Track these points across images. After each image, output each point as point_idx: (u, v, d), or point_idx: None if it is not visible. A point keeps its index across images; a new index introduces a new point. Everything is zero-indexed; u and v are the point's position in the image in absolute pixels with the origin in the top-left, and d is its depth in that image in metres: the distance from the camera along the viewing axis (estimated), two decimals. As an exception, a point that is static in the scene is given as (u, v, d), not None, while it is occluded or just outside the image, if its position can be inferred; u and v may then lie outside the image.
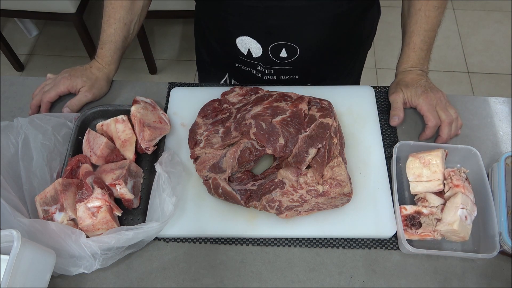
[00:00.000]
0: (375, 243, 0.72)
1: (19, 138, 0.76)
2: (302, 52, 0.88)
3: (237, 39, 0.88)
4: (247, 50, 0.90)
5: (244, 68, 0.98)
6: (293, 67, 0.93)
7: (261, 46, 0.88)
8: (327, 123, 0.73)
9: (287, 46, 0.87)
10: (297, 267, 0.70)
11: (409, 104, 0.83)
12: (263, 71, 0.96)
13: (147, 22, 2.27)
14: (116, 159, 0.77)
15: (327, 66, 0.98)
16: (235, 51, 0.92)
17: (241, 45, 0.90)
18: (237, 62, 0.98)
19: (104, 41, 0.88)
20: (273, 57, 0.90)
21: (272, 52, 0.88)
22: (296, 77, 0.97)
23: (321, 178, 0.69)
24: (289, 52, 0.88)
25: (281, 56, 0.89)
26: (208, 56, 1.07)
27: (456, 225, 0.67)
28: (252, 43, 0.88)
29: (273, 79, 0.98)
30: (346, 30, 0.90)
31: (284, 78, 0.97)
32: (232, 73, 1.03)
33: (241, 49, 0.91)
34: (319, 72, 0.98)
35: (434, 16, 0.83)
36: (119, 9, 0.86)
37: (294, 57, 0.89)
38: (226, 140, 0.74)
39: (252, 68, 0.97)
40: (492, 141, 0.83)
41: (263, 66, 0.94)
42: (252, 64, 0.95)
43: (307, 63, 0.92)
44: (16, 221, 0.64)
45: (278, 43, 0.86)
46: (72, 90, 0.87)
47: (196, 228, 0.72)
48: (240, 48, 0.90)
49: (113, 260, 0.68)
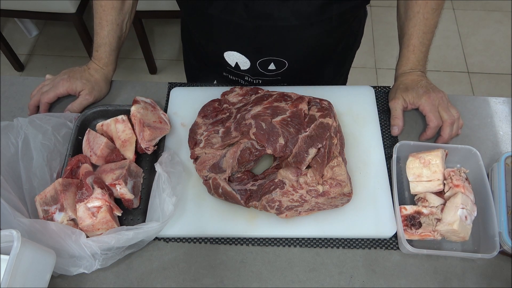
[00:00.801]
0: (375, 243, 0.72)
1: (19, 138, 0.76)
2: (290, 64, 0.88)
3: (225, 53, 0.88)
4: (234, 63, 0.90)
5: (232, 77, 0.98)
6: (281, 77, 0.93)
7: (249, 61, 0.87)
8: (327, 123, 0.73)
9: (276, 61, 0.87)
10: (297, 267, 0.70)
11: (411, 106, 0.83)
12: (251, 81, 0.96)
13: (147, 22, 2.27)
14: (116, 159, 0.77)
15: (316, 73, 0.98)
16: (223, 63, 0.91)
17: (229, 59, 0.89)
18: (224, 72, 0.97)
19: (99, 44, 0.88)
20: (261, 69, 0.89)
21: (261, 66, 0.88)
22: (284, 85, 0.97)
23: (321, 178, 0.69)
24: (278, 65, 0.88)
25: (270, 68, 0.89)
26: (196, 61, 1.06)
27: (456, 225, 0.67)
28: (240, 57, 0.87)
29: None
30: (335, 40, 0.90)
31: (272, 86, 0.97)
32: (220, 80, 1.03)
33: (228, 62, 0.90)
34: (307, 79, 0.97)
35: (432, 18, 0.83)
36: (110, 10, 0.86)
37: (282, 69, 0.89)
38: (226, 140, 0.74)
39: (240, 78, 0.97)
40: (492, 141, 0.83)
41: (251, 77, 0.94)
42: (240, 75, 0.95)
43: (295, 73, 0.92)
44: (16, 221, 0.64)
45: (266, 58, 0.86)
46: (72, 92, 0.87)
47: (196, 228, 0.72)
48: (228, 60, 0.90)
49: (113, 260, 0.68)
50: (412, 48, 0.84)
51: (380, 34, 2.32)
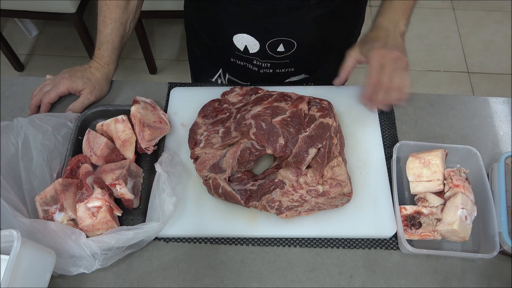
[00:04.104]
0: (375, 243, 0.72)
1: (19, 138, 0.76)
2: (299, 46, 0.88)
3: (234, 36, 0.88)
4: (243, 47, 0.90)
5: (240, 62, 0.98)
6: (289, 60, 0.93)
7: (258, 43, 0.88)
8: (327, 123, 0.73)
9: (285, 41, 0.87)
10: (297, 267, 0.70)
11: (364, 60, 0.78)
12: (260, 65, 0.96)
13: (147, 22, 2.27)
14: (116, 159, 0.77)
15: (322, 56, 0.98)
16: (231, 48, 0.92)
17: (238, 42, 0.90)
18: (232, 57, 0.97)
19: (102, 42, 0.88)
20: (270, 52, 0.90)
21: (270, 48, 0.89)
22: (292, 69, 0.97)
23: (321, 178, 0.69)
24: (286, 46, 0.88)
25: (278, 50, 0.89)
26: (200, 51, 1.06)
27: (456, 225, 0.67)
28: (249, 39, 0.88)
29: (269, 72, 0.97)
30: (340, 22, 0.90)
31: (280, 71, 0.97)
32: (226, 68, 1.03)
33: (238, 46, 0.91)
34: (313, 63, 0.98)
35: None
36: (114, 9, 0.86)
37: (291, 51, 0.89)
38: (226, 140, 0.74)
39: (248, 62, 0.97)
40: (492, 141, 0.83)
41: (260, 61, 0.94)
42: (249, 59, 0.95)
43: (303, 56, 0.92)
44: (16, 221, 0.64)
45: (276, 39, 0.86)
46: (72, 90, 0.87)
47: (196, 228, 0.72)
48: (237, 44, 0.90)
49: (113, 260, 0.68)
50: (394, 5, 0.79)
51: (380, 34, 2.32)
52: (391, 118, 0.87)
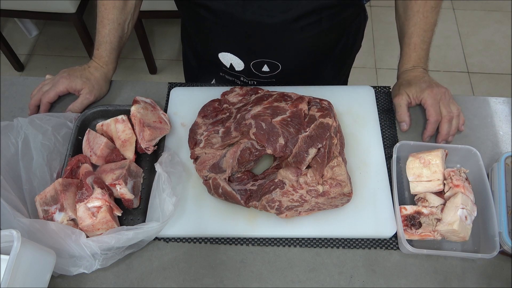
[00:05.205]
0: (375, 243, 0.72)
1: (19, 138, 0.76)
2: (284, 67, 0.88)
3: (219, 54, 0.89)
4: (229, 64, 0.91)
5: (228, 77, 0.99)
6: (275, 79, 0.93)
7: (243, 62, 0.88)
8: (327, 123, 0.73)
9: (269, 63, 0.87)
10: (297, 267, 0.70)
11: (414, 101, 0.83)
12: (246, 82, 0.96)
13: (147, 22, 2.27)
14: (116, 159, 0.77)
15: (312, 75, 0.98)
16: (218, 63, 0.92)
17: (224, 60, 0.90)
18: (221, 72, 0.98)
19: (100, 42, 0.89)
20: (256, 71, 0.90)
21: (254, 67, 0.89)
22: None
23: (321, 178, 0.69)
24: (271, 67, 0.89)
25: (263, 70, 0.90)
26: (195, 61, 1.07)
27: (456, 225, 0.67)
28: (234, 58, 0.88)
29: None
30: (329, 44, 0.90)
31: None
32: (218, 79, 1.04)
33: (223, 62, 0.91)
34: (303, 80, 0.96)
35: (432, 16, 0.83)
36: (112, 9, 0.87)
37: (276, 71, 0.90)
38: (226, 140, 0.74)
39: (236, 78, 0.98)
40: (492, 141, 0.83)
41: (246, 78, 0.94)
42: (236, 75, 0.95)
43: (290, 75, 0.92)
44: (16, 221, 0.64)
45: (259, 60, 0.86)
46: (71, 90, 0.87)
47: (196, 228, 0.72)
48: (223, 61, 0.91)
49: (113, 260, 0.68)
50: (414, 46, 0.85)
51: (380, 34, 2.32)
52: (391, 118, 0.87)
